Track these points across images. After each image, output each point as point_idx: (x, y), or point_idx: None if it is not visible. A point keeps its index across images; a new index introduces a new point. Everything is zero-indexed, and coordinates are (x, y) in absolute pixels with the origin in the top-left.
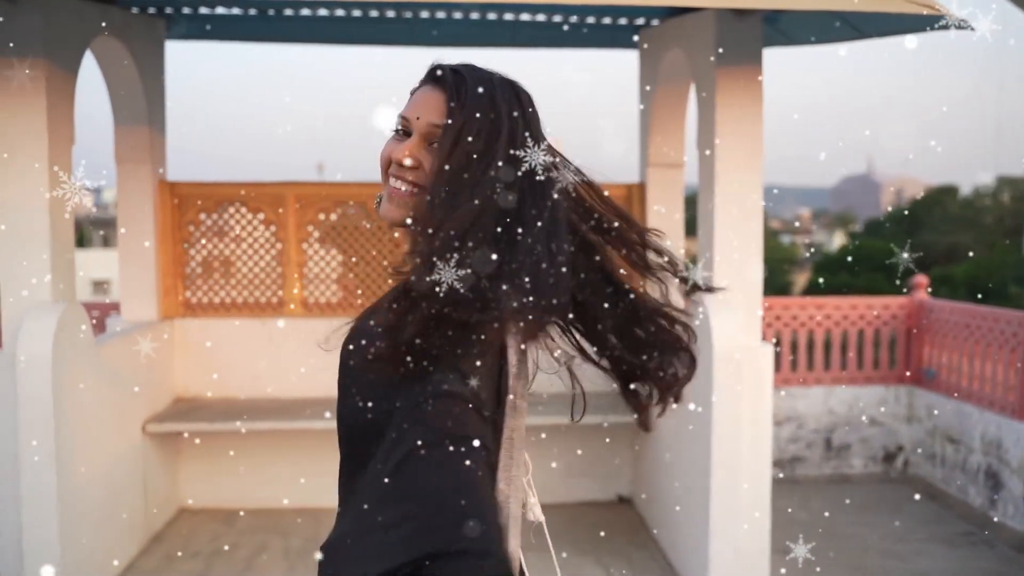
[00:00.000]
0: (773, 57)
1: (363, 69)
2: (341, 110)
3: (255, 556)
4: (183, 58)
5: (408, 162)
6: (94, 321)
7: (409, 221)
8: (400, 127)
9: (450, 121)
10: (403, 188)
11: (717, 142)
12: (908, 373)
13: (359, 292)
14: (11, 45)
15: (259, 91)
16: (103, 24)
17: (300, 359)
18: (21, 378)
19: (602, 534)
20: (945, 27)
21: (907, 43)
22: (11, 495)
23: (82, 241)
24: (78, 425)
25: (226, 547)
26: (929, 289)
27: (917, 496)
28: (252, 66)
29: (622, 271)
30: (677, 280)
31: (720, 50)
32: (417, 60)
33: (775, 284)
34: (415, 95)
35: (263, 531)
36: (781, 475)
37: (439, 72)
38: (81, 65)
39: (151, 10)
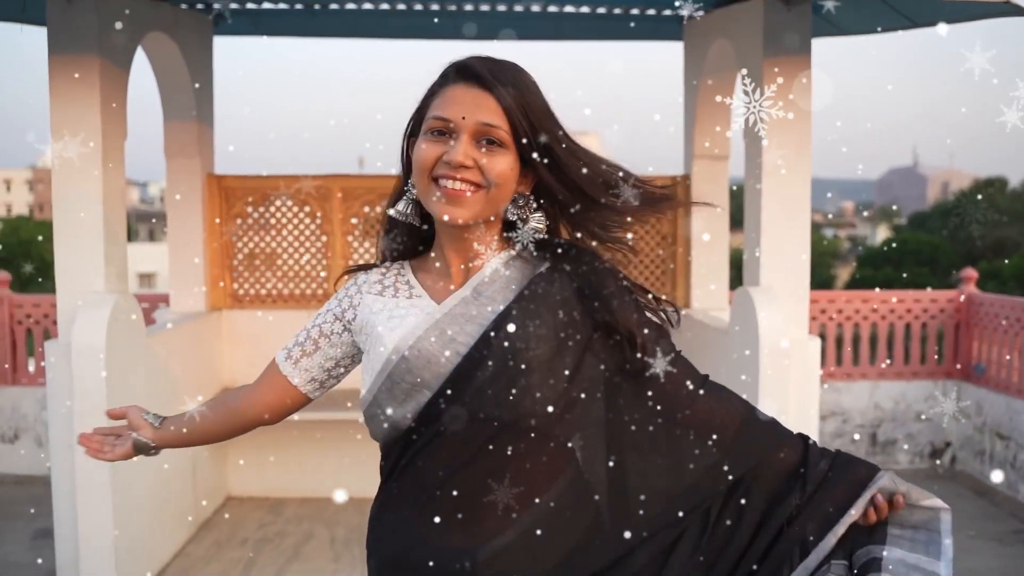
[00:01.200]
0: (820, 47)
1: (403, 63)
2: (381, 104)
3: (302, 544)
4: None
5: (469, 163)
6: (143, 311)
7: (561, 198)
8: (437, 128)
9: (512, 116)
10: (462, 187)
11: (764, 134)
12: (957, 368)
13: None
14: (67, 42)
15: (300, 85)
16: (154, 21)
17: None
18: (76, 367)
19: None
20: (1002, 14)
21: (960, 31)
22: (67, 483)
23: (128, 235)
24: None
25: (272, 536)
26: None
27: (966, 493)
28: (294, 60)
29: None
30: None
31: (768, 40)
32: (459, 53)
33: (817, 278)
34: (448, 94)
35: (309, 520)
36: None
37: (472, 70)
38: (133, 61)
39: (199, 6)
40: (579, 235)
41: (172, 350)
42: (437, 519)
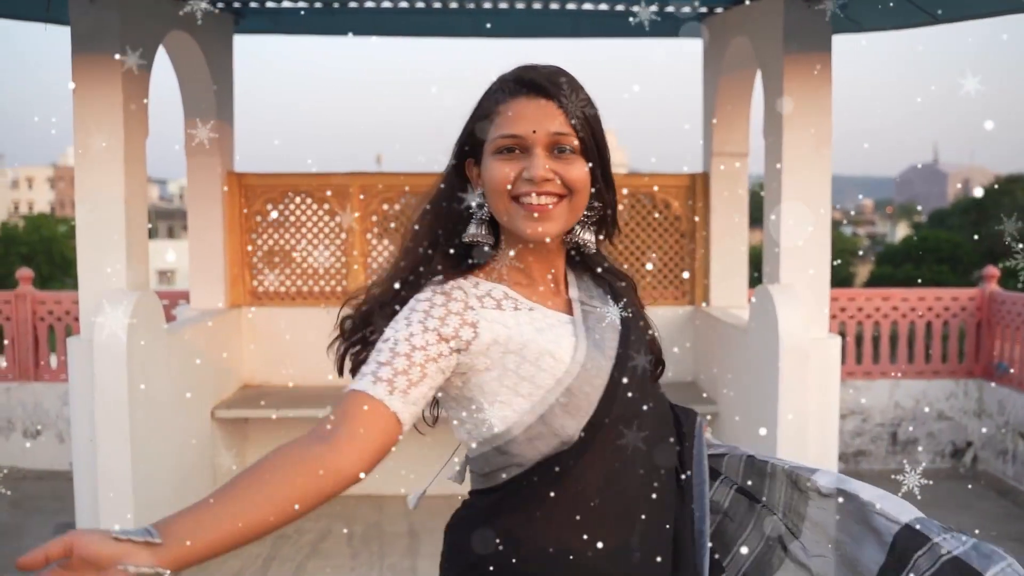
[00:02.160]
0: (840, 43)
1: (420, 61)
2: (398, 102)
3: (320, 541)
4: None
5: (550, 176)
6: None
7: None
8: (507, 146)
9: (578, 124)
10: (546, 201)
11: (784, 131)
12: (978, 366)
13: None
14: (90, 41)
15: (320, 83)
16: (175, 20)
17: None
18: (98, 363)
19: None
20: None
21: (980, 27)
22: (88, 478)
23: (148, 232)
24: (151, 409)
25: (291, 532)
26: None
27: (989, 493)
28: (313, 58)
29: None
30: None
31: (788, 37)
32: (478, 51)
33: (837, 276)
34: (511, 110)
35: (327, 517)
36: (844, 466)
37: (530, 81)
38: (155, 60)
39: (220, 5)
40: (602, 237)
41: (192, 347)
42: (599, 521)
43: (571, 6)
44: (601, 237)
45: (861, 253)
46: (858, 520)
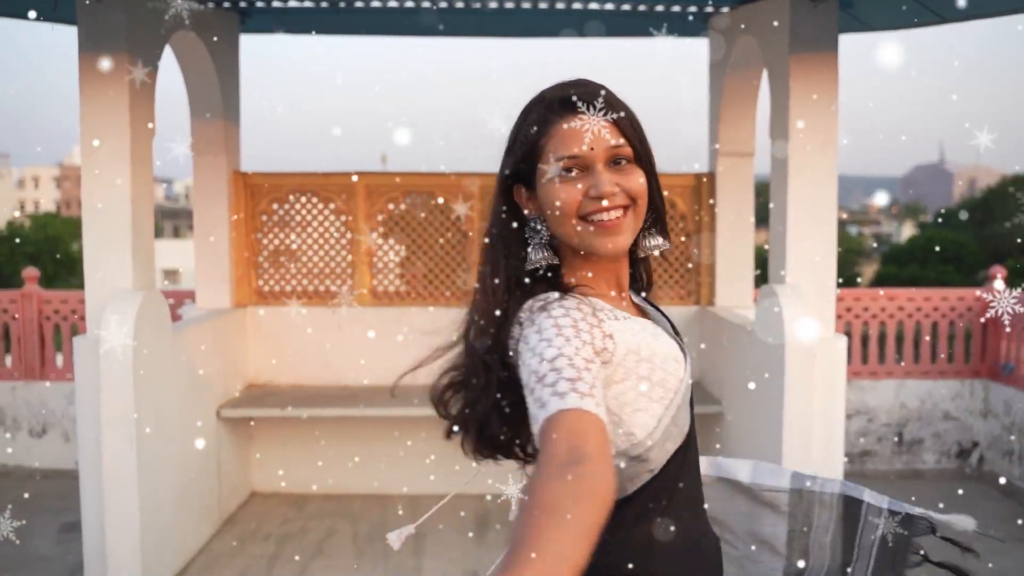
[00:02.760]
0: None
1: (427, 60)
2: (402, 101)
3: (325, 540)
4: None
5: (616, 190)
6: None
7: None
8: (567, 167)
9: (629, 134)
10: (615, 216)
11: (791, 131)
12: (984, 367)
13: (426, 282)
14: (97, 41)
15: (325, 83)
16: (182, 20)
17: (368, 347)
18: (104, 363)
19: None
20: None
21: (988, 27)
22: (94, 478)
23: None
24: (157, 409)
25: (296, 531)
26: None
27: (994, 490)
28: (319, 58)
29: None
30: None
31: (794, 37)
32: (483, 50)
33: (842, 275)
34: (564, 131)
35: (332, 516)
36: (849, 466)
37: (575, 99)
38: (161, 59)
39: (227, 4)
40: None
41: (198, 347)
42: (699, 517)
43: (577, 5)
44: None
45: (867, 253)
46: (749, 499)
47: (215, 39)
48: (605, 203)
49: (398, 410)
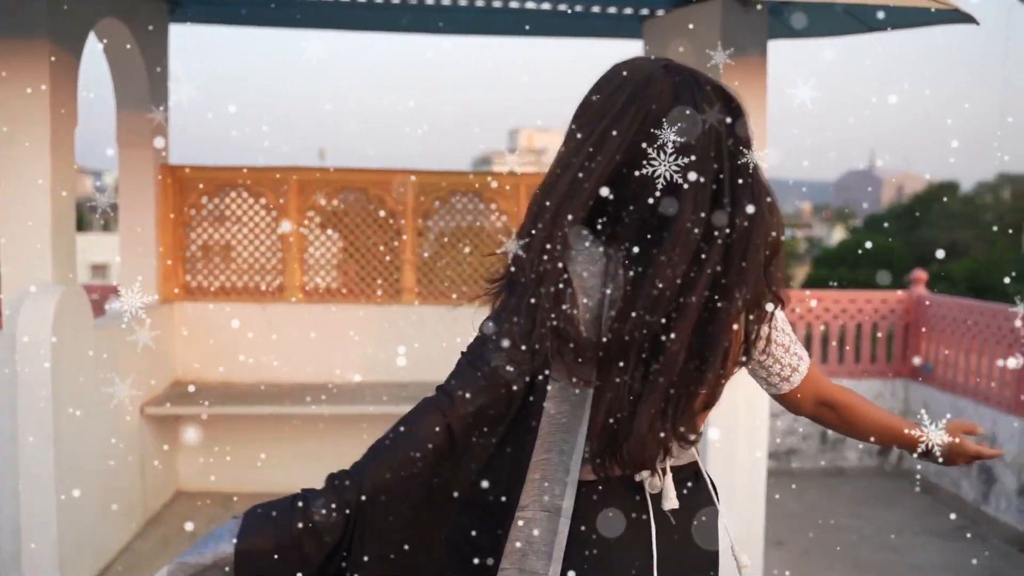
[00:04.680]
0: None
1: (366, 55)
2: (343, 96)
3: None
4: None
5: None
6: (94, 303)
7: None
8: None
9: None
10: None
11: None
12: (905, 367)
13: (359, 279)
14: (15, 26)
15: (261, 76)
16: (107, 6)
17: (299, 344)
18: (20, 359)
19: None
20: (951, 20)
21: (913, 37)
22: (9, 476)
23: (81, 225)
24: (77, 407)
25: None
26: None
27: (916, 489)
28: (255, 51)
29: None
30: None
31: (725, 41)
32: (422, 47)
33: None
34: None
35: None
36: (775, 464)
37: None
38: (85, 47)
39: None
40: None
41: (121, 342)
42: None
43: (513, 4)
44: None
45: (800, 256)
46: None
47: (142, 28)
48: None
49: (327, 408)
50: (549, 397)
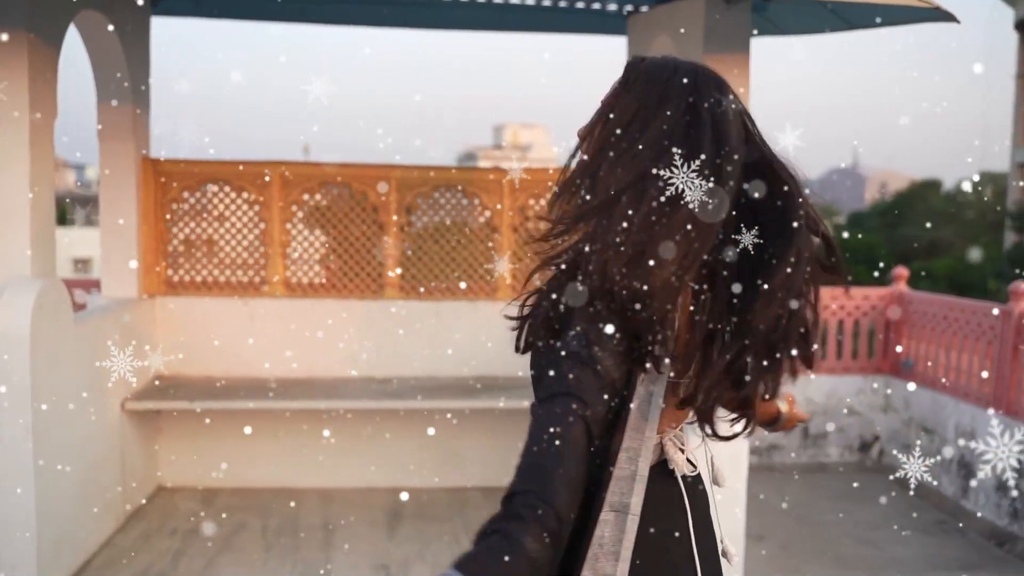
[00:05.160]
0: (760, 46)
1: (349, 49)
2: (328, 91)
3: (233, 535)
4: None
5: None
6: (76, 297)
7: None
8: None
9: None
10: None
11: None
12: (886, 363)
13: (342, 274)
14: None
15: (246, 70)
16: None
17: (281, 339)
18: None
19: None
20: (933, 19)
21: (896, 35)
22: None
23: (64, 219)
24: (56, 402)
25: (204, 526)
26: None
27: (892, 486)
28: (240, 44)
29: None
30: None
31: (708, 37)
32: (404, 41)
33: None
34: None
35: (241, 510)
36: (757, 460)
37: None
38: (65, 39)
39: None
40: None
41: (102, 337)
42: None
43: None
44: None
45: None
46: None
47: (124, 21)
48: None
49: (309, 403)
50: (635, 396)
